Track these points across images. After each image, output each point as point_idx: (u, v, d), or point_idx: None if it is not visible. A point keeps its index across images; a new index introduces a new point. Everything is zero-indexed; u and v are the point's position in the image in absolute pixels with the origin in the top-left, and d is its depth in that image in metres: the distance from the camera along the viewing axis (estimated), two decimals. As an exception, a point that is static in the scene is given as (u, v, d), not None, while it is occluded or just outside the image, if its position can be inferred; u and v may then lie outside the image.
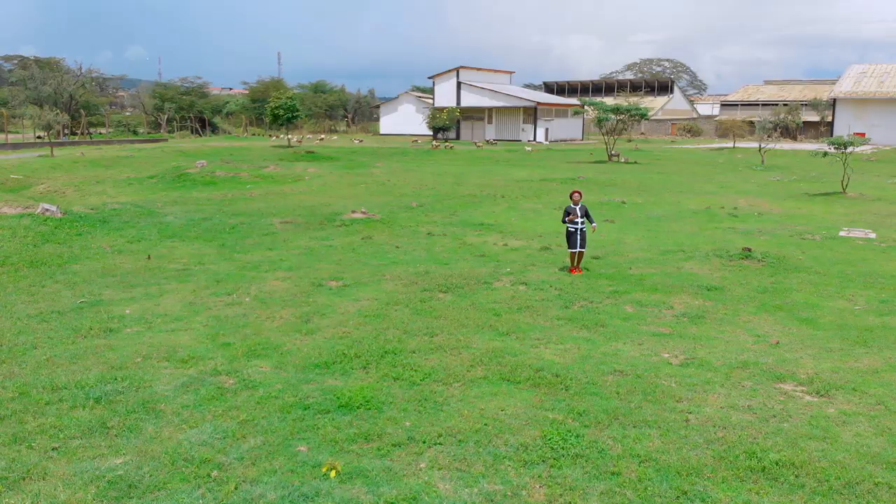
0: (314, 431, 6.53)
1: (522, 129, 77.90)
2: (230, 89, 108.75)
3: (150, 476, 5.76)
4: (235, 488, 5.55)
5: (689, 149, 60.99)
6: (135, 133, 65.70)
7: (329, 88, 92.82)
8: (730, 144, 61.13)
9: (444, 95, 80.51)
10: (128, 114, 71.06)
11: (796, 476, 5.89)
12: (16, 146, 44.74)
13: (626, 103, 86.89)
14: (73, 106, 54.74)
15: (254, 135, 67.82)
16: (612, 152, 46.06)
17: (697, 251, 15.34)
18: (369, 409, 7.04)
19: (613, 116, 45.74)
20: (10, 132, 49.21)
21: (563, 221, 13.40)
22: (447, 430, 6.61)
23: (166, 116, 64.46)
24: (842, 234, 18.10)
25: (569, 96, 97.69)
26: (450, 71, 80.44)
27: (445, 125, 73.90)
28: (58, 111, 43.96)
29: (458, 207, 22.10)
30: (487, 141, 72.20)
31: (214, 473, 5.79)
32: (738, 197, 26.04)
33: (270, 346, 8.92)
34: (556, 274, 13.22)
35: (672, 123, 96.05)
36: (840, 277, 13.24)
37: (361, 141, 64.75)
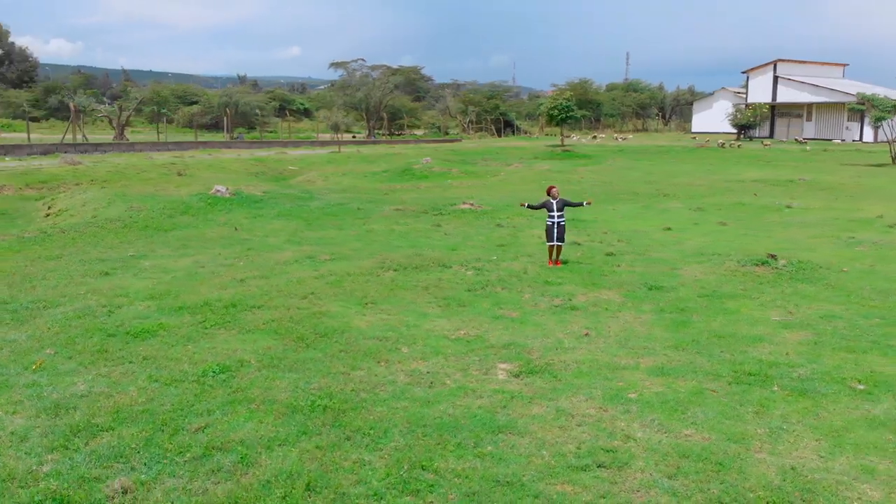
0: (76, 344, 8.87)
1: (846, 128, 69.97)
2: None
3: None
4: (-30, 364, 8.21)
5: None
6: (446, 133, 73.05)
7: (643, 87, 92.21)
8: None
9: (759, 91, 75.55)
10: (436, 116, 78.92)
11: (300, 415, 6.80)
12: (324, 143, 53.30)
13: None
14: (380, 109, 63.00)
15: (547, 135, 70.82)
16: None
17: (730, 256, 14.43)
18: (137, 337, 9.16)
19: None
20: (321, 132, 58.72)
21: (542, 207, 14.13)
22: (155, 355, 8.50)
23: (468, 119, 70.47)
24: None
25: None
26: (766, 65, 75.24)
27: (750, 122, 69.52)
28: (345, 113, 51.46)
29: (585, 204, 22.43)
30: (796, 140, 66.31)
31: (-21, 355, 8.51)
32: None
33: (175, 294, 11.39)
34: (529, 264, 13.76)
35: None
36: (845, 291, 11.85)
37: (625, 139, 64.14)
